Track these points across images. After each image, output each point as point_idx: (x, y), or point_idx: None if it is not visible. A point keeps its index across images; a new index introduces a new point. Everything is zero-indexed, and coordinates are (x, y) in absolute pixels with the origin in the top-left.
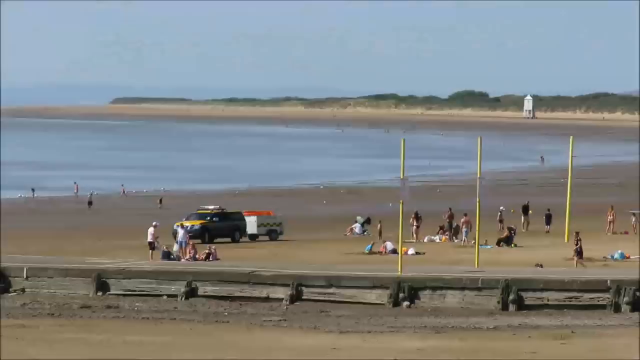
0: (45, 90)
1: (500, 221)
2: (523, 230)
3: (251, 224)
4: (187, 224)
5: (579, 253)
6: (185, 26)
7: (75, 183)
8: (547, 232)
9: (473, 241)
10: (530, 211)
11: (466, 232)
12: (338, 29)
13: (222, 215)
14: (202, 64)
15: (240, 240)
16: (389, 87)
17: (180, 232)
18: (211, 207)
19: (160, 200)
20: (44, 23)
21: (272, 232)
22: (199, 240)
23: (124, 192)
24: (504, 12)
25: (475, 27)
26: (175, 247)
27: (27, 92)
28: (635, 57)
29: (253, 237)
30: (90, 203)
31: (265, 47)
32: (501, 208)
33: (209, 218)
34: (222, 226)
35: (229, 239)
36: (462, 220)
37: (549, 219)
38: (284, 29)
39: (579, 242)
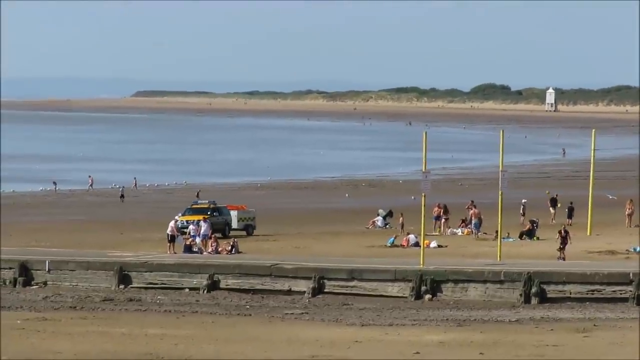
0: (67, 83)
1: (523, 214)
2: (552, 223)
3: (234, 219)
4: (192, 218)
5: (563, 244)
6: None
7: (89, 176)
8: (569, 225)
9: (484, 233)
10: (559, 204)
11: (475, 224)
12: (360, 23)
13: (217, 210)
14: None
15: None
16: (411, 80)
17: (204, 225)
18: (204, 201)
19: (198, 194)
20: (67, 15)
21: (248, 227)
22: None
23: (135, 185)
24: (527, 5)
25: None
26: (198, 240)
27: (48, 85)
28: None
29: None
30: (122, 196)
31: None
32: (524, 201)
33: (209, 213)
34: (219, 221)
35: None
36: (471, 212)
37: (571, 212)
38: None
39: (561, 235)
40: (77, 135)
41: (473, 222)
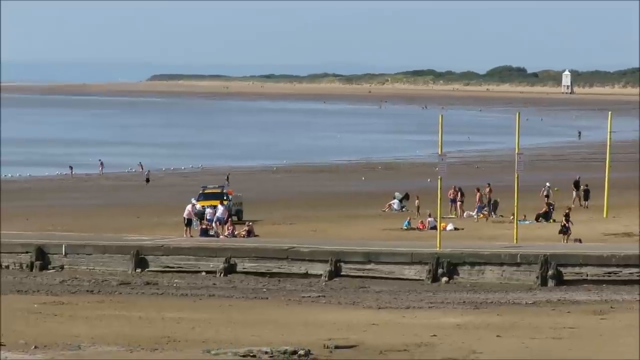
0: (83, 67)
1: (546, 196)
2: (572, 206)
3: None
4: (210, 204)
5: (566, 229)
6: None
7: (100, 160)
8: (586, 207)
9: (501, 215)
10: (581, 186)
11: (479, 207)
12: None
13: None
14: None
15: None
16: (427, 63)
17: (220, 209)
18: (212, 186)
19: (227, 177)
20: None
21: (239, 212)
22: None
23: (142, 168)
24: None
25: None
26: (214, 224)
27: (64, 69)
28: None
29: None
30: (147, 180)
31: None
32: (547, 184)
33: (225, 198)
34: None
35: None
36: (477, 195)
37: (587, 195)
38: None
39: (564, 219)
40: (93, 119)
41: (477, 205)
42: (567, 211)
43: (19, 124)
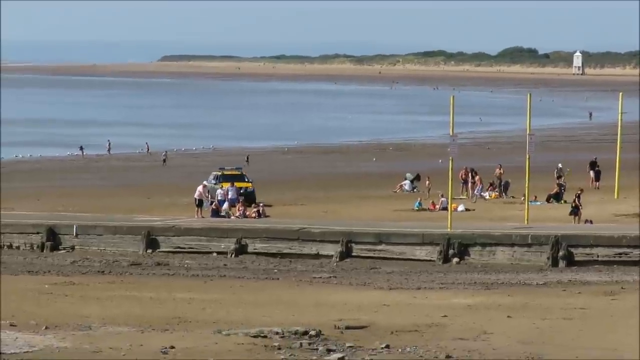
0: (93, 47)
1: (558, 177)
2: (590, 187)
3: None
4: (236, 185)
5: (576, 210)
6: None
7: (108, 141)
8: (597, 188)
9: (512, 197)
10: (598, 167)
11: (479, 189)
12: None
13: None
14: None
15: None
16: (438, 44)
17: (232, 190)
18: (230, 167)
19: (247, 158)
20: None
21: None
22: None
23: (148, 149)
24: None
25: None
26: (225, 205)
27: (74, 49)
28: None
29: None
30: (164, 161)
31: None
32: (559, 165)
33: (247, 180)
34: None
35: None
36: (477, 177)
37: (598, 175)
38: None
39: (576, 200)
40: (103, 100)
41: (479, 186)
42: (578, 192)
43: (29, 105)
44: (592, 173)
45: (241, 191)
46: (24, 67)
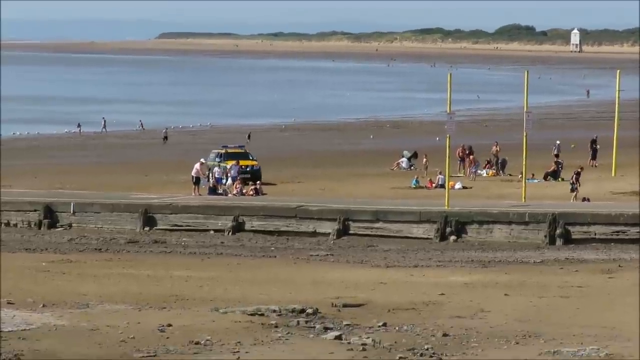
0: (91, 25)
1: (556, 155)
2: (590, 165)
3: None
4: (246, 163)
5: (574, 188)
6: None
7: (103, 118)
8: (595, 166)
9: (509, 174)
10: (598, 145)
11: (477, 166)
12: None
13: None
14: None
15: None
16: (435, 22)
17: (235, 168)
18: (233, 145)
19: (249, 136)
20: None
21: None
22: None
23: (142, 126)
24: None
25: None
26: (229, 182)
27: (72, 27)
28: None
29: None
30: (165, 138)
31: None
32: (557, 142)
33: (251, 158)
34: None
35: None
36: (471, 157)
37: (594, 153)
38: None
39: (575, 177)
40: (101, 77)
41: (475, 164)
42: (578, 170)
43: (26, 82)
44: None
45: (247, 169)
46: (23, 44)
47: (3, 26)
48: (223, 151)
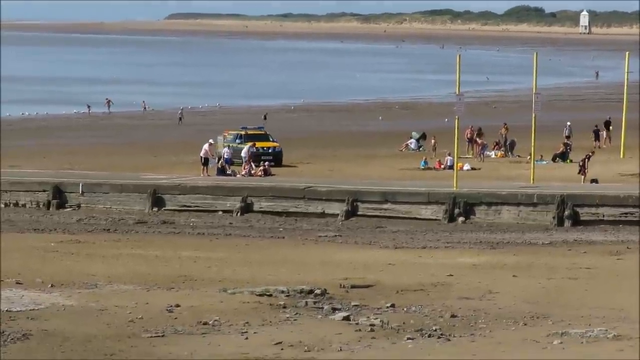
0: (100, 5)
1: (567, 137)
2: (604, 147)
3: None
4: (266, 145)
5: (582, 168)
6: None
7: (106, 99)
8: (599, 147)
9: (518, 156)
10: (611, 127)
11: (485, 148)
12: None
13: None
14: None
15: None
16: (445, 3)
17: (246, 149)
18: (252, 127)
19: (265, 116)
20: None
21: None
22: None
23: (144, 107)
24: None
25: None
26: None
27: (81, 8)
28: None
29: None
30: (180, 119)
31: None
32: (568, 124)
33: (272, 139)
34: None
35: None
36: (480, 141)
37: (597, 135)
38: None
39: (586, 159)
40: (110, 57)
41: (483, 146)
42: (589, 154)
43: (36, 63)
44: (605, 133)
45: (269, 151)
46: (33, 25)
47: (13, 7)
48: (243, 132)
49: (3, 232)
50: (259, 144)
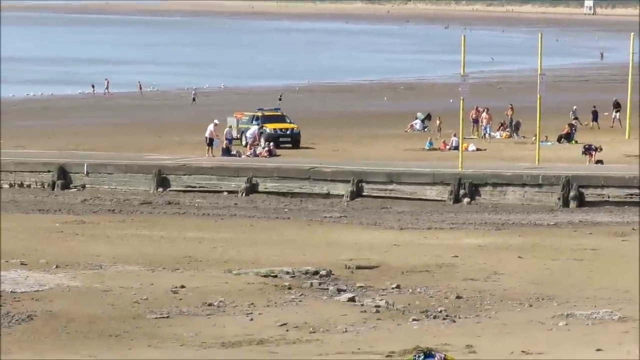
0: None
1: (575, 118)
2: (612, 126)
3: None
4: (275, 126)
5: (588, 151)
6: None
7: (106, 79)
8: (598, 128)
9: (523, 137)
10: (620, 108)
11: (486, 127)
12: None
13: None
14: None
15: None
16: None
17: (252, 129)
18: (269, 108)
19: (280, 97)
20: None
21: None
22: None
23: (140, 88)
24: None
25: None
26: (263, 142)
27: None
28: None
29: None
30: (194, 99)
31: None
32: (574, 107)
33: (289, 120)
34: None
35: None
36: (483, 116)
37: (595, 116)
38: None
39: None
40: (116, 38)
41: (486, 125)
42: (597, 147)
43: (40, 43)
44: (614, 113)
45: (287, 132)
46: (38, 5)
47: None
48: (259, 114)
49: (8, 212)
50: (276, 126)
